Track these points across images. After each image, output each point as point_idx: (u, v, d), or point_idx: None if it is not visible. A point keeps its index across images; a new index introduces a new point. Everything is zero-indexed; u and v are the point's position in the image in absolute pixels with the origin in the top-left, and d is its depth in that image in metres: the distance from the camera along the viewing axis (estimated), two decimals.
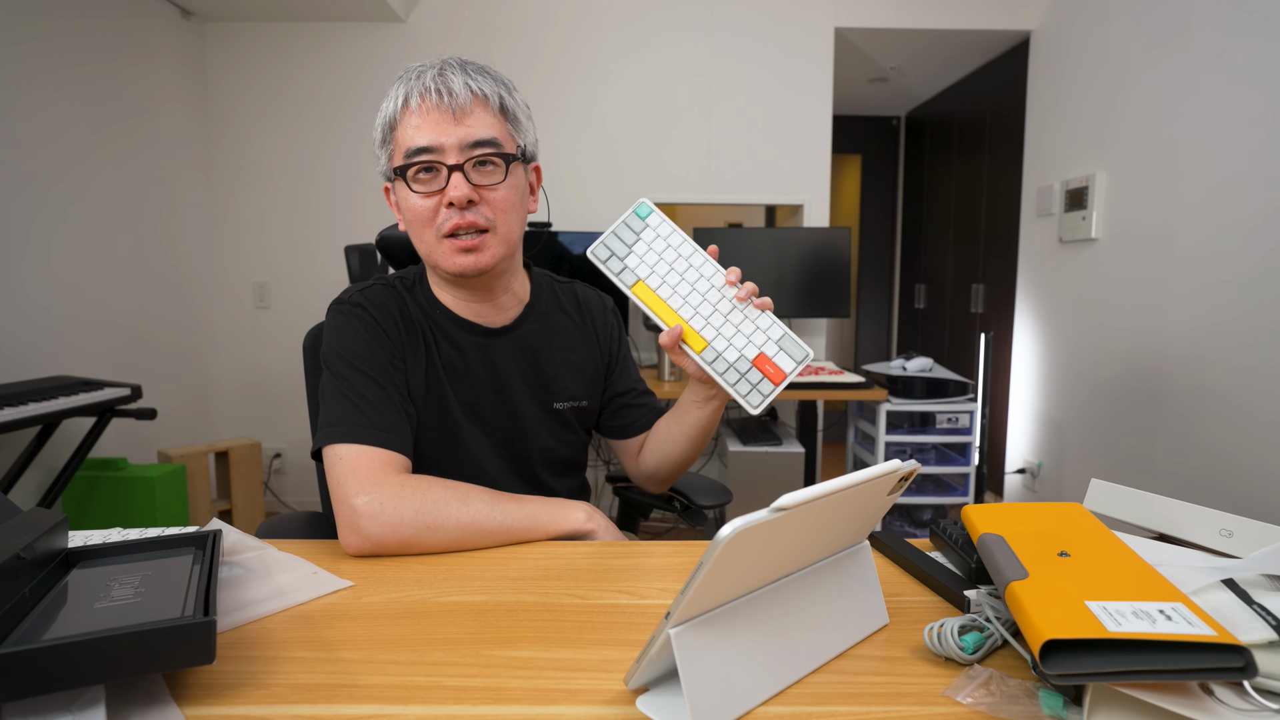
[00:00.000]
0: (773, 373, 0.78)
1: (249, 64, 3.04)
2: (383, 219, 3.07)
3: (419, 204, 0.88)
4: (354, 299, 0.93)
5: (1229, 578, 0.57)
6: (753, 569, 0.50)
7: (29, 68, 2.19)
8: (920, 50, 3.36)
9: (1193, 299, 2.15)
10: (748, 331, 0.80)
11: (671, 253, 0.83)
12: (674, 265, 0.83)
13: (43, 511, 0.64)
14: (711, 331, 0.81)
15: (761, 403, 0.79)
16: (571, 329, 1.05)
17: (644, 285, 0.84)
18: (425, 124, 0.86)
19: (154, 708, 0.49)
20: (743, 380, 0.79)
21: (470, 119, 0.86)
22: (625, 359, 1.12)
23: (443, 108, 0.86)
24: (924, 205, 4.31)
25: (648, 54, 3.05)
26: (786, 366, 0.78)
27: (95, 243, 2.45)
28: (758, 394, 0.79)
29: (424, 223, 0.88)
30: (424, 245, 0.91)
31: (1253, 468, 1.93)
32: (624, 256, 0.85)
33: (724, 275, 0.83)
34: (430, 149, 0.85)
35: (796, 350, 0.78)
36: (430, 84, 0.86)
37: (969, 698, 0.50)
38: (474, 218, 0.87)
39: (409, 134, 0.86)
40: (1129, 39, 2.45)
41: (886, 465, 0.55)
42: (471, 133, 0.86)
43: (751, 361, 0.79)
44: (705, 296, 0.82)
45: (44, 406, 1.84)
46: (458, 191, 0.85)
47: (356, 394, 0.86)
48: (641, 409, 1.10)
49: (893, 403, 2.55)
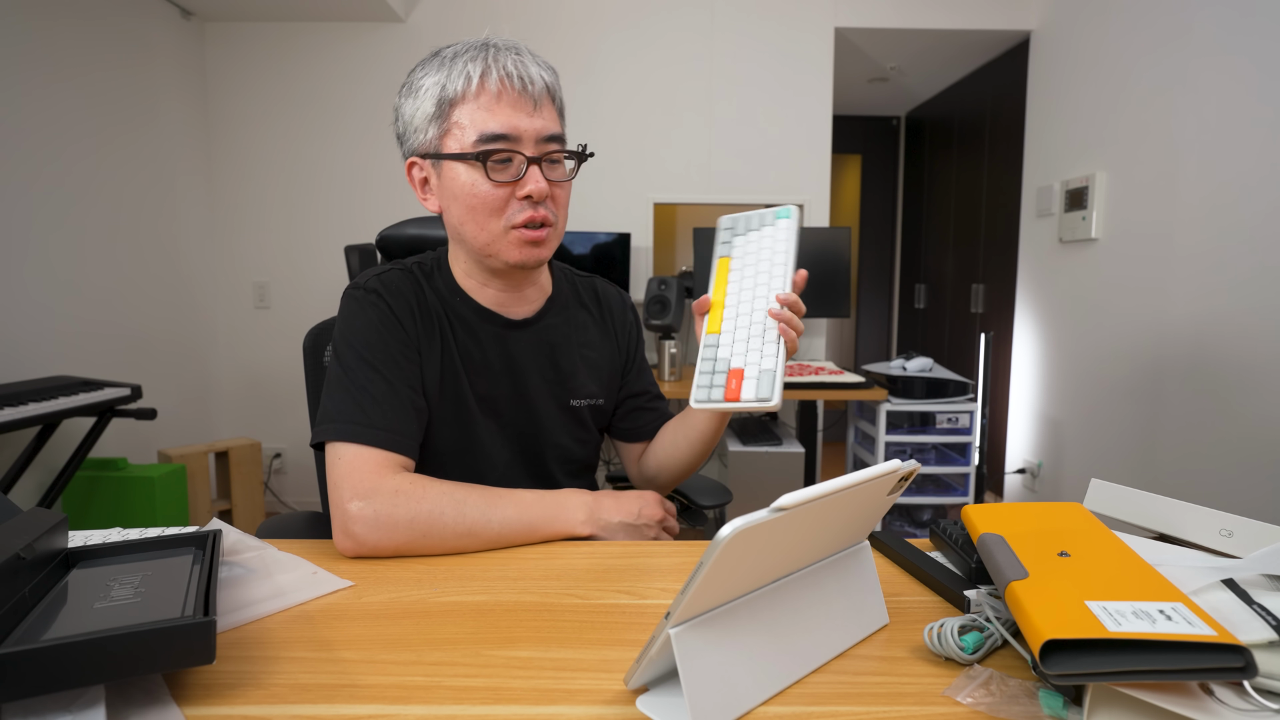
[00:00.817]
0: (731, 389, 0.76)
1: (249, 64, 3.04)
2: (383, 218, 3.07)
3: (490, 192, 0.84)
4: (370, 284, 0.91)
5: (1229, 578, 0.57)
6: (753, 569, 0.50)
7: (29, 68, 2.19)
8: (920, 50, 3.36)
9: (1192, 299, 2.15)
10: (752, 346, 0.79)
11: (769, 253, 0.84)
12: (760, 263, 0.84)
13: (43, 511, 0.64)
14: (730, 325, 0.81)
15: (703, 402, 0.77)
16: (591, 325, 1.04)
17: (726, 262, 0.86)
18: (502, 109, 0.83)
19: (154, 708, 0.49)
20: (709, 375, 0.79)
21: (543, 111, 0.85)
22: (642, 360, 1.11)
23: (525, 96, 0.83)
24: (924, 205, 4.31)
25: (648, 54, 3.05)
26: (745, 395, 0.75)
27: (95, 243, 2.45)
28: (706, 392, 0.78)
29: (492, 211, 0.85)
30: (484, 233, 0.87)
31: (1253, 467, 1.93)
32: (737, 235, 0.87)
33: (782, 291, 0.81)
34: (508, 137, 0.83)
35: (764, 389, 0.75)
36: (511, 68, 0.83)
37: (969, 698, 0.50)
38: (544, 212, 0.86)
39: (482, 117, 0.82)
40: (1129, 39, 2.45)
41: (886, 465, 0.55)
42: (546, 126, 0.85)
43: (729, 369, 0.78)
44: (756, 298, 0.81)
45: (44, 406, 1.84)
46: (539, 186, 0.84)
47: (361, 389, 0.84)
48: (652, 413, 1.09)
49: (893, 403, 2.55)
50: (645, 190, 3.08)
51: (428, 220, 1.26)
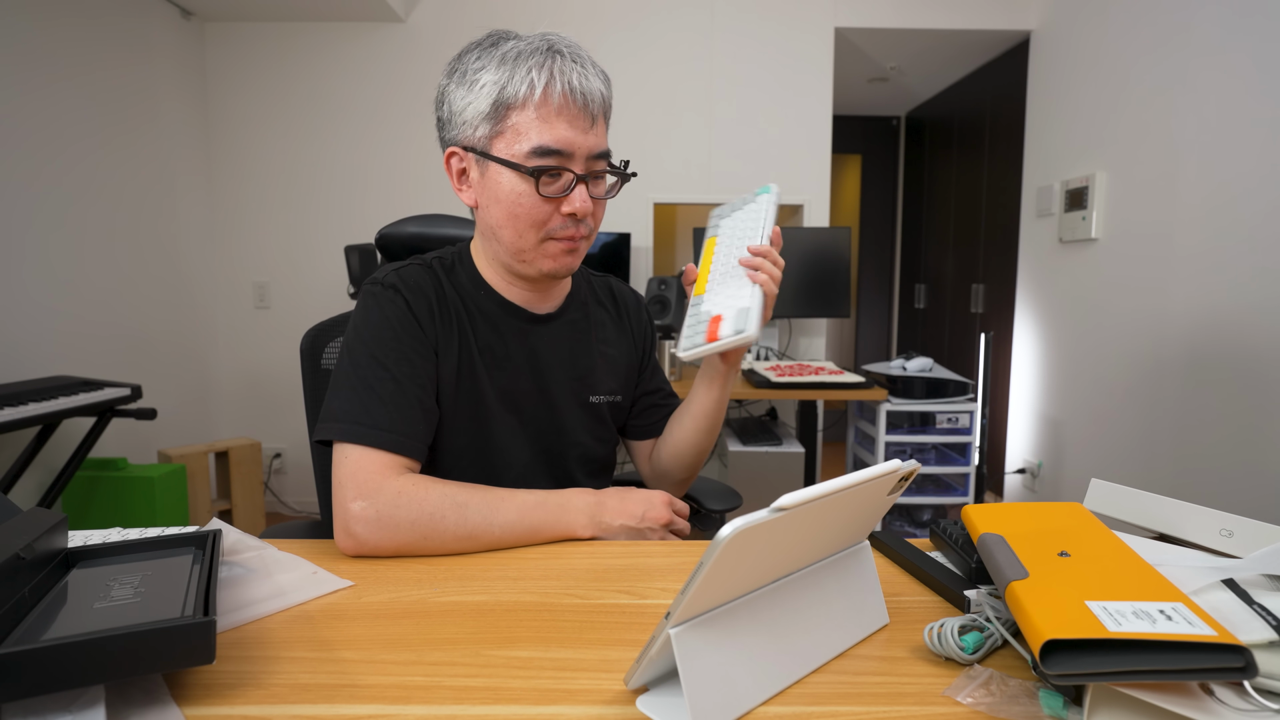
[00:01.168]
0: (710, 331, 0.81)
1: (249, 64, 3.04)
2: (383, 219, 3.07)
3: (537, 205, 0.84)
4: (389, 280, 0.90)
5: (1229, 578, 0.57)
6: (753, 569, 0.50)
7: (29, 68, 2.19)
8: (920, 50, 3.36)
9: (1193, 299, 2.15)
10: (728, 294, 0.84)
11: (748, 224, 0.89)
12: (741, 233, 0.89)
13: (43, 511, 0.64)
14: (713, 286, 0.87)
15: (688, 349, 0.81)
16: (609, 322, 1.05)
17: (714, 240, 0.92)
18: (560, 124, 0.83)
19: (154, 708, 0.49)
20: (694, 327, 0.84)
21: (596, 128, 0.86)
22: (655, 358, 1.13)
23: (585, 113, 0.84)
24: (924, 205, 4.31)
25: (648, 54, 3.05)
26: (723, 332, 0.80)
27: (95, 242, 2.45)
28: (689, 340, 0.82)
29: (534, 223, 0.86)
30: (521, 240, 0.87)
31: (1253, 467, 1.93)
32: (723, 218, 0.95)
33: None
34: (561, 153, 0.83)
35: (740, 322, 0.79)
36: (577, 82, 0.83)
37: (969, 698, 0.50)
38: (584, 229, 0.88)
39: (539, 129, 0.82)
40: (1129, 39, 2.45)
41: (886, 465, 0.55)
42: (599, 143, 0.86)
43: (710, 317, 0.82)
44: (734, 259, 0.87)
45: (44, 406, 1.84)
46: (585, 205, 0.85)
47: (369, 387, 0.83)
48: (665, 409, 1.10)
49: (893, 403, 2.55)
50: (645, 190, 3.08)
51: (428, 219, 1.25)
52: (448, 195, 3.02)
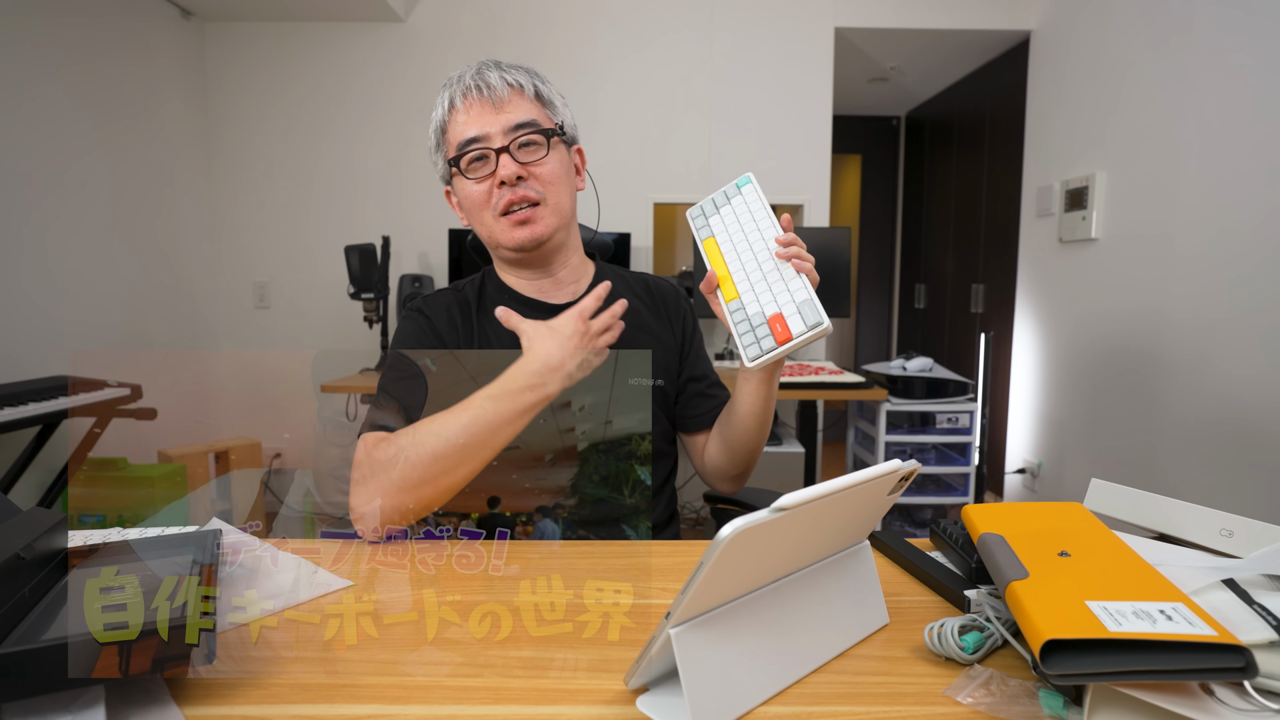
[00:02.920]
0: (780, 332, 0.77)
1: (249, 64, 3.04)
2: (383, 218, 3.07)
3: (474, 189, 0.94)
4: (416, 304, 1.03)
5: (1229, 578, 0.57)
6: (753, 569, 0.50)
7: (29, 68, 2.19)
8: (920, 50, 3.36)
9: (1193, 299, 2.15)
10: (776, 290, 0.80)
11: (747, 216, 0.87)
12: (744, 227, 0.87)
13: (43, 511, 0.64)
14: (745, 285, 0.83)
15: (759, 357, 0.78)
16: (643, 310, 1.06)
17: (713, 241, 0.89)
18: (470, 118, 0.93)
19: (154, 708, 0.49)
20: (750, 333, 0.80)
21: (509, 106, 0.93)
22: (699, 345, 1.12)
23: (484, 101, 0.93)
24: (924, 205, 4.30)
25: (648, 54, 3.05)
26: (795, 329, 0.76)
27: (95, 242, 2.45)
28: (757, 347, 0.78)
29: (480, 205, 0.95)
30: (484, 228, 0.97)
31: (1253, 467, 1.93)
32: (709, 216, 0.92)
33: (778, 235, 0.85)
34: (478, 139, 0.92)
35: (811, 315, 0.76)
36: (470, 82, 0.93)
37: (969, 698, 0.50)
38: (525, 192, 0.93)
39: (458, 130, 0.94)
40: (1129, 39, 2.45)
41: (886, 465, 0.55)
42: (512, 118, 0.93)
43: (767, 318, 0.79)
44: (756, 255, 0.84)
45: (44, 406, 1.84)
46: (506, 170, 0.92)
47: (389, 397, 0.92)
48: (713, 400, 1.08)
49: (893, 403, 2.54)
50: (645, 190, 3.08)
51: None
52: None
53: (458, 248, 2.89)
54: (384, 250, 2.67)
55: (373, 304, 2.66)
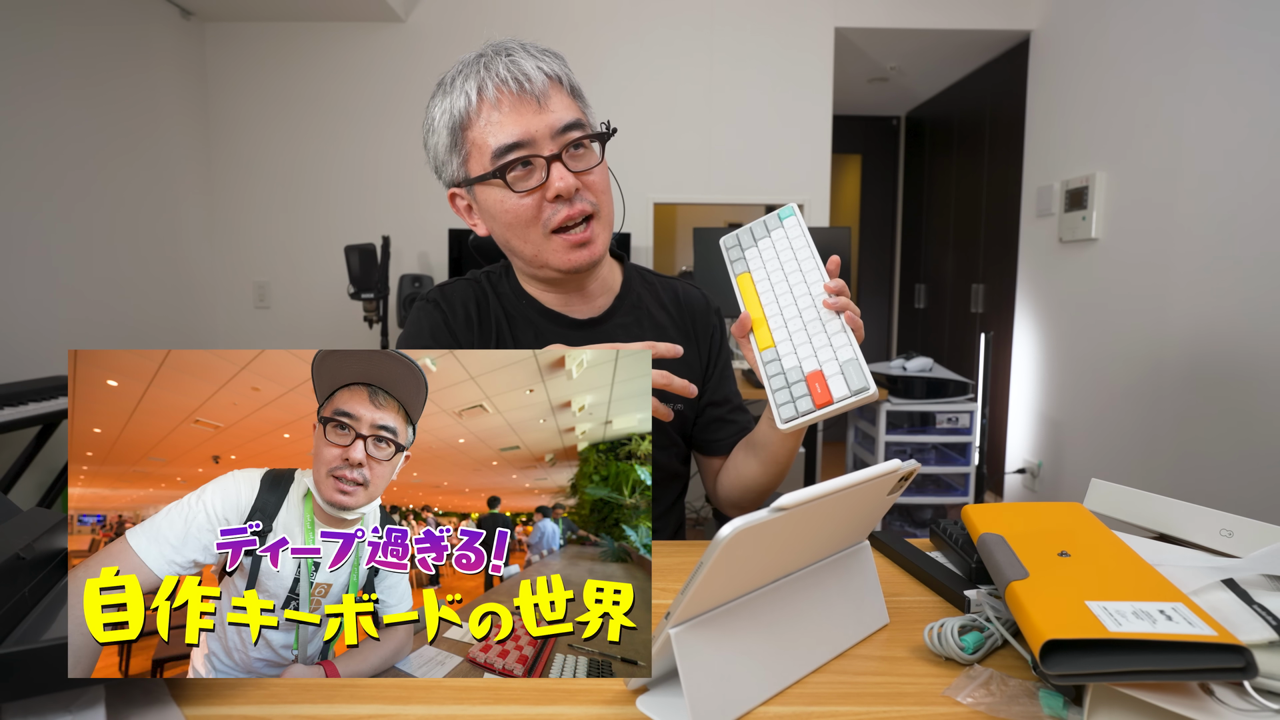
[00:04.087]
0: (819, 393, 0.68)
1: (249, 64, 3.04)
2: (383, 218, 3.07)
3: (518, 204, 0.82)
4: (432, 294, 0.94)
5: (1229, 578, 0.57)
6: (753, 569, 0.50)
7: (29, 68, 2.19)
8: (920, 50, 3.36)
9: (1192, 298, 2.15)
10: (818, 344, 0.72)
11: (789, 254, 0.79)
12: (784, 266, 0.79)
13: (43, 511, 0.64)
14: (783, 334, 0.75)
15: (793, 419, 0.69)
16: (670, 327, 0.99)
17: (748, 277, 0.81)
18: (508, 118, 0.80)
19: (154, 708, 0.49)
20: (786, 390, 0.71)
21: (552, 103, 0.81)
22: (725, 366, 1.03)
23: (525, 97, 0.80)
24: (924, 205, 4.30)
25: (648, 54, 3.05)
26: (837, 392, 0.67)
27: (95, 242, 2.45)
28: (792, 408, 0.69)
29: (528, 222, 0.83)
30: (529, 245, 0.85)
31: (1253, 467, 1.93)
32: (746, 249, 0.83)
33: (825, 281, 0.76)
34: (522, 143, 0.80)
35: (857, 379, 0.66)
36: (505, 73, 0.80)
37: (969, 698, 0.50)
38: (582, 205, 0.83)
39: (491, 131, 0.80)
40: (1129, 39, 2.45)
41: (886, 465, 0.55)
42: (559, 118, 0.81)
43: (805, 375, 0.70)
44: (797, 300, 0.76)
45: (44, 406, 1.84)
46: (564, 183, 0.80)
47: None
48: (732, 425, 1.01)
49: (893, 403, 2.54)
50: (645, 190, 3.08)
51: None
52: None
53: (458, 248, 2.89)
54: (384, 250, 2.67)
55: (373, 304, 2.66)
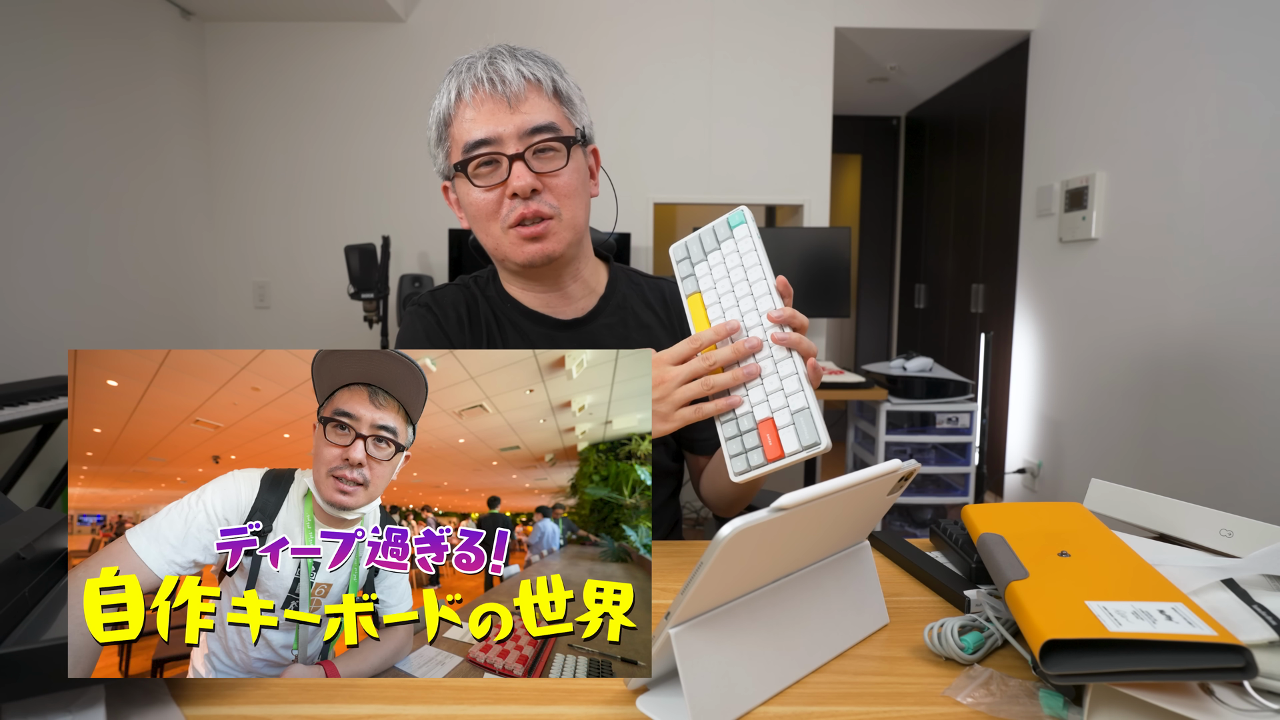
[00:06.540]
0: (770, 446, 0.64)
1: (249, 64, 3.04)
2: (383, 218, 3.07)
3: (481, 198, 0.86)
4: (423, 299, 0.97)
5: (1229, 578, 0.57)
6: (753, 569, 0.50)
7: (28, 68, 2.19)
8: (920, 50, 3.36)
9: (1192, 298, 2.15)
10: (769, 388, 0.66)
11: (740, 272, 0.72)
12: (735, 287, 0.72)
13: (43, 511, 0.64)
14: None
15: (745, 473, 0.65)
16: (655, 327, 0.99)
17: (698, 298, 0.75)
18: (480, 115, 0.84)
19: (154, 708, 0.49)
20: (738, 439, 0.66)
21: (525, 105, 0.84)
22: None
23: (497, 97, 0.83)
24: (924, 205, 4.31)
25: (648, 54, 3.05)
26: (789, 446, 0.63)
27: (95, 243, 2.45)
28: (744, 460, 0.65)
29: (488, 216, 0.87)
30: (490, 239, 0.89)
31: (1253, 467, 1.93)
32: (696, 262, 0.76)
33: (772, 309, 0.69)
34: (488, 140, 0.83)
35: (809, 433, 0.62)
36: (482, 74, 0.84)
37: (969, 698, 0.50)
38: (538, 206, 0.85)
39: (465, 127, 0.85)
40: (1129, 39, 2.45)
41: (886, 465, 0.55)
42: (529, 119, 0.83)
43: (757, 422, 0.65)
44: (747, 328, 0.69)
45: (44, 406, 1.84)
46: (520, 181, 0.83)
47: None
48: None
49: (893, 403, 2.54)
50: (645, 190, 3.08)
51: None
52: None
53: (458, 248, 2.89)
54: (384, 250, 2.67)
55: (373, 304, 2.66)
